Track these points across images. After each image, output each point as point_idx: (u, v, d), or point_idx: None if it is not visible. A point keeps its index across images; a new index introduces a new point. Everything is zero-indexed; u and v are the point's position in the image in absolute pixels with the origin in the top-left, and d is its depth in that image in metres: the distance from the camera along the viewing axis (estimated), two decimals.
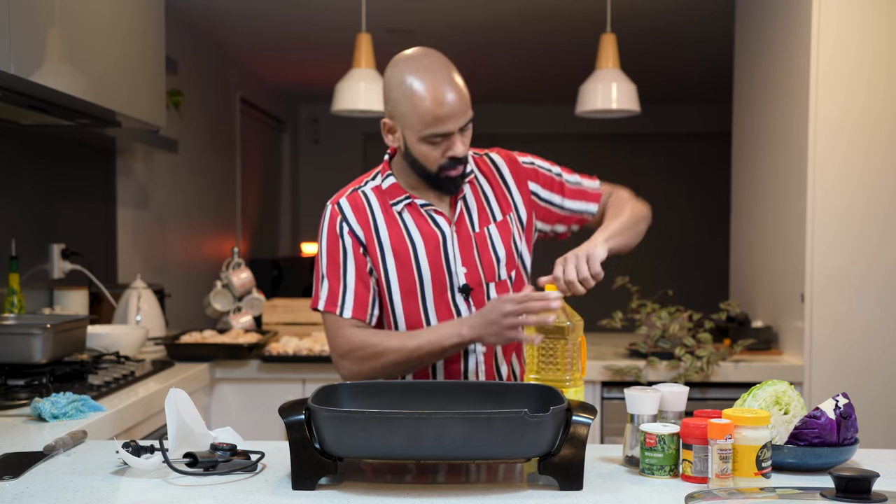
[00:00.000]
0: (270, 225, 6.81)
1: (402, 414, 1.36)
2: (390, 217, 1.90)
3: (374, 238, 1.89)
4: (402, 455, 1.39)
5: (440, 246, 1.89)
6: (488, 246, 1.91)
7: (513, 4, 4.22)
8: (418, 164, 1.85)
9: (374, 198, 1.92)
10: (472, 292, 1.90)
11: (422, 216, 1.90)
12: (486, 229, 1.92)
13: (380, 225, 1.89)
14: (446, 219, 1.90)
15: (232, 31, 4.87)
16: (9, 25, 2.11)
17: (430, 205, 1.90)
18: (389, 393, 1.62)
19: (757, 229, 3.55)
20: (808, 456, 1.51)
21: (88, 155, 3.54)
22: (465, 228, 1.91)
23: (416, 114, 1.79)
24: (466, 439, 1.35)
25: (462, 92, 1.81)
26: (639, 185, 2.31)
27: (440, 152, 1.82)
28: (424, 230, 1.89)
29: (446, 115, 1.78)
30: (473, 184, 1.94)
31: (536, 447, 1.38)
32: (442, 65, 1.82)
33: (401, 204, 1.90)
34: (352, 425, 1.36)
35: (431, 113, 1.78)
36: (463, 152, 1.82)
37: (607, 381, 3.06)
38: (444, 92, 1.78)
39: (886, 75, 2.98)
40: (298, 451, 1.39)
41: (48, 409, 1.95)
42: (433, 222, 1.90)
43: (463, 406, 1.56)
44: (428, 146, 1.81)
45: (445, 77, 1.80)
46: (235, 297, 3.48)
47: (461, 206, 1.92)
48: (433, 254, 1.88)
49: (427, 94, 1.78)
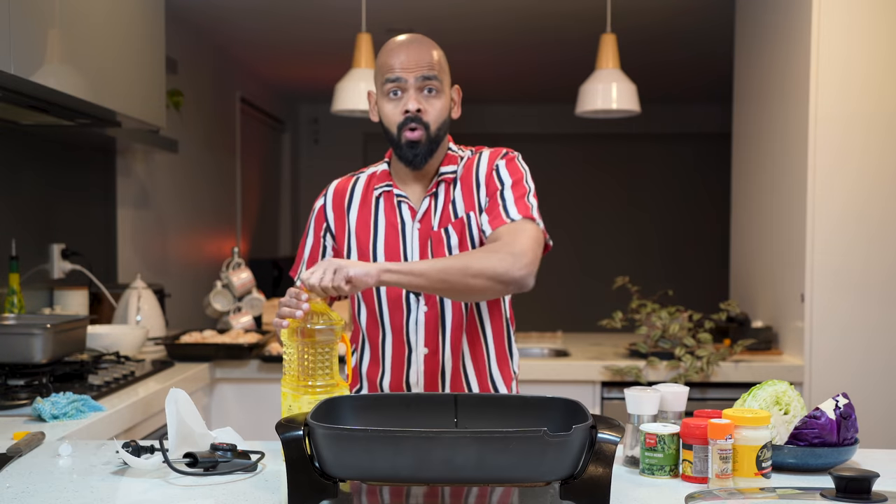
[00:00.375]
0: (270, 225, 6.81)
1: (408, 433, 1.24)
2: (366, 203, 1.94)
3: (344, 222, 1.94)
4: (408, 477, 1.28)
5: (399, 238, 1.90)
6: (443, 246, 1.89)
7: (513, 5, 4.22)
8: (387, 133, 1.87)
9: (362, 184, 1.97)
10: (426, 293, 1.87)
11: (392, 206, 1.92)
12: (444, 229, 1.90)
13: (353, 210, 1.94)
14: (412, 212, 1.91)
15: (232, 31, 4.87)
16: (9, 25, 2.11)
17: (405, 197, 1.91)
18: (397, 407, 1.52)
19: (757, 229, 3.55)
20: (808, 456, 1.51)
21: (88, 155, 3.54)
22: (428, 226, 1.90)
23: (378, 66, 1.88)
24: (479, 461, 1.24)
25: (425, 47, 1.85)
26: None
27: (399, 108, 1.84)
28: (389, 219, 1.91)
29: (401, 62, 1.82)
30: (449, 184, 1.93)
31: (557, 469, 1.26)
32: (419, 34, 1.89)
33: (380, 190, 1.94)
34: (353, 444, 1.25)
35: (387, 59, 1.85)
36: (415, 107, 1.82)
37: (607, 381, 3.06)
38: (404, 42, 1.86)
39: (886, 75, 2.98)
40: (295, 471, 1.28)
41: (48, 410, 1.95)
42: (399, 214, 1.91)
43: (479, 422, 1.47)
44: (388, 103, 1.85)
45: (414, 36, 1.88)
46: (235, 297, 3.48)
47: (430, 202, 1.91)
48: (391, 244, 1.89)
49: (388, 46, 1.88)
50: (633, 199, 7.58)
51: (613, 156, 7.59)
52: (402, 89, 1.84)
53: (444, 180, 1.92)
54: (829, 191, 3.00)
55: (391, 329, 1.91)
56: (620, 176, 7.60)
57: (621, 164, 7.61)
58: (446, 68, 1.90)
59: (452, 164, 1.93)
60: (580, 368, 3.07)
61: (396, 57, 1.84)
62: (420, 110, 1.83)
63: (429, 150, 1.86)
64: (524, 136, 7.34)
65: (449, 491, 1.41)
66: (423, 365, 1.90)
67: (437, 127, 1.86)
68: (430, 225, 1.90)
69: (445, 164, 1.93)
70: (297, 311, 1.57)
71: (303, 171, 7.55)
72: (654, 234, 7.60)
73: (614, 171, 7.59)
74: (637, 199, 7.59)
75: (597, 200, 7.51)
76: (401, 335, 1.91)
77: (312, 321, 1.53)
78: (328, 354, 1.54)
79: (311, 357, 1.53)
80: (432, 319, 1.89)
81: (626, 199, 7.59)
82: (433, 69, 1.84)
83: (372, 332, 1.94)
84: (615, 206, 7.57)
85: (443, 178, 1.92)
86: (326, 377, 1.54)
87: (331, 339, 1.54)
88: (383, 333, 1.93)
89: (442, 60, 1.88)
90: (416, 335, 1.90)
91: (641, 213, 7.58)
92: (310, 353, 1.53)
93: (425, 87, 1.84)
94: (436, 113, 1.85)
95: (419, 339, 1.90)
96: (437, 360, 1.90)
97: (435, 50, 1.87)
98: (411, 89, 1.83)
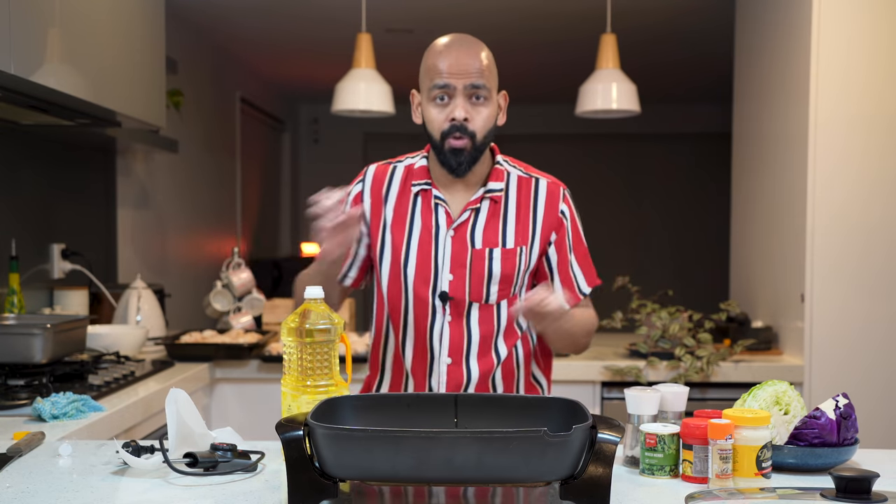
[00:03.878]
0: (270, 225, 6.81)
1: (408, 433, 1.24)
2: (404, 197, 1.90)
3: (380, 212, 1.90)
4: (408, 477, 1.28)
5: (431, 242, 1.87)
6: (484, 266, 1.85)
7: (513, 5, 4.22)
8: (430, 137, 1.84)
9: (400, 175, 1.92)
10: (452, 303, 1.86)
11: (429, 208, 1.88)
12: (490, 250, 1.85)
13: (390, 201, 1.90)
14: (449, 219, 1.87)
15: (232, 30, 4.87)
16: (9, 25, 2.11)
17: (444, 201, 1.87)
18: (397, 407, 1.51)
19: (757, 229, 3.55)
20: (808, 456, 1.51)
21: (88, 155, 3.54)
22: (464, 238, 1.86)
23: (425, 68, 1.82)
24: (479, 461, 1.23)
25: (473, 51, 1.80)
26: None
27: (444, 115, 1.80)
28: (425, 221, 1.88)
29: (449, 66, 1.77)
30: (497, 202, 1.88)
31: (557, 469, 1.26)
32: (467, 35, 1.84)
33: (418, 188, 1.89)
34: (353, 444, 1.25)
35: (435, 62, 1.79)
36: (462, 116, 1.78)
37: (607, 381, 3.06)
38: (452, 45, 1.80)
39: (886, 75, 2.98)
40: (295, 471, 1.28)
41: (48, 410, 1.95)
42: (435, 217, 1.87)
43: (479, 422, 1.47)
44: (434, 108, 1.81)
45: (463, 38, 1.82)
46: (235, 297, 3.48)
47: (470, 215, 1.87)
48: (424, 249, 1.87)
49: (436, 47, 1.82)
50: (633, 200, 7.59)
51: (613, 156, 7.60)
52: (448, 95, 1.79)
53: (491, 198, 1.87)
54: (829, 191, 2.99)
55: (414, 333, 1.89)
56: (620, 176, 7.60)
57: (621, 164, 7.61)
58: (494, 72, 1.85)
59: (499, 181, 1.88)
60: (580, 368, 3.07)
61: (444, 61, 1.78)
62: (467, 119, 1.79)
63: (473, 159, 1.83)
64: (524, 136, 7.33)
65: (449, 491, 1.40)
66: (445, 375, 1.88)
67: (484, 136, 1.82)
68: (465, 237, 1.86)
69: (493, 180, 1.87)
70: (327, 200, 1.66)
71: (303, 171, 7.55)
72: (654, 235, 7.60)
73: (614, 171, 7.59)
74: (637, 200, 7.59)
75: (597, 200, 7.51)
76: (423, 341, 1.88)
77: (312, 321, 1.53)
78: (328, 354, 1.54)
79: (310, 357, 1.53)
80: (457, 332, 1.87)
81: (626, 199, 7.59)
82: (482, 76, 1.79)
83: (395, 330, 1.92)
84: (615, 207, 7.57)
85: (490, 195, 1.87)
86: (326, 377, 1.54)
87: (331, 339, 1.54)
88: (404, 335, 1.90)
89: (491, 64, 1.82)
90: (441, 344, 1.87)
91: (641, 213, 7.58)
92: (309, 353, 1.53)
93: (473, 94, 1.79)
94: (483, 121, 1.81)
95: (443, 348, 1.87)
96: (461, 372, 1.88)
97: (483, 52, 1.82)
98: (459, 96, 1.79)
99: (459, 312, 1.86)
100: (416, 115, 1.88)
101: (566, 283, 1.92)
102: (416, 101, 1.87)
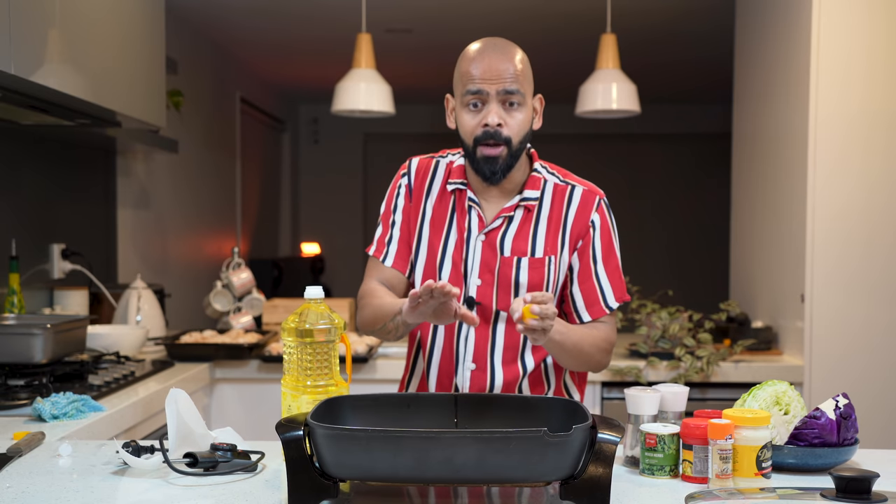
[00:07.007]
0: (270, 225, 6.81)
1: (408, 433, 1.24)
2: (443, 195, 1.88)
3: (419, 207, 1.89)
4: (408, 477, 1.27)
5: (463, 246, 1.85)
6: (511, 274, 1.82)
7: (513, 5, 4.22)
8: (463, 143, 1.82)
9: (442, 172, 1.90)
10: (479, 308, 1.83)
11: (463, 209, 1.86)
12: (518, 259, 1.83)
13: (431, 198, 1.89)
14: (481, 223, 1.85)
15: (232, 31, 4.87)
16: (9, 25, 2.11)
17: (477, 204, 1.85)
18: (397, 407, 1.51)
19: (757, 229, 3.55)
20: (808, 456, 1.51)
21: (88, 155, 3.54)
22: (494, 244, 1.84)
23: (458, 74, 1.80)
24: (479, 461, 1.23)
25: (507, 55, 1.77)
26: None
27: (477, 121, 1.77)
28: (460, 224, 1.86)
29: (482, 72, 1.75)
30: (531, 210, 1.85)
31: (557, 469, 1.26)
32: (500, 39, 1.82)
33: (454, 186, 1.87)
34: (353, 444, 1.24)
35: (468, 67, 1.77)
36: (496, 121, 1.76)
37: (607, 381, 3.06)
38: (486, 49, 1.78)
39: (886, 76, 2.98)
40: (295, 471, 1.28)
41: (48, 410, 1.95)
42: (468, 219, 1.85)
43: (478, 422, 1.47)
44: (467, 114, 1.78)
45: (496, 42, 1.80)
46: (235, 297, 3.48)
47: (503, 222, 1.84)
48: (457, 254, 1.85)
49: (469, 53, 1.80)
50: (633, 200, 7.58)
51: (613, 156, 7.60)
52: (482, 101, 1.77)
53: (526, 206, 1.85)
54: (829, 191, 2.99)
55: (443, 336, 1.88)
56: (620, 176, 7.60)
57: (621, 164, 7.61)
58: (529, 76, 1.82)
59: (535, 190, 1.85)
60: None
61: (478, 66, 1.76)
62: (500, 124, 1.76)
63: (507, 166, 1.79)
64: None
65: (449, 491, 1.40)
66: (468, 381, 1.86)
67: (519, 141, 1.79)
68: (495, 243, 1.83)
69: (529, 188, 1.85)
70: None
71: (303, 171, 7.55)
72: (654, 235, 7.60)
73: (614, 171, 7.59)
74: (637, 200, 7.59)
75: None
76: (451, 344, 1.87)
77: (312, 321, 1.53)
78: (328, 354, 1.54)
79: (310, 357, 1.53)
80: (482, 338, 1.85)
81: (626, 199, 7.59)
82: (516, 81, 1.76)
83: (424, 330, 1.91)
84: (615, 207, 7.43)
85: (524, 203, 1.84)
86: (326, 377, 1.54)
87: (330, 339, 1.54)
88: (433, 337, 1.89)
89: (525, 68, 1.80)
90: (466, 349, 1.86)
91: (641, 214, 7.58)
92: (309, 353, 1.53)
93: (507, 99, 1.77)
94: (517, 126, 1.78)
95: (468, 353, 1.86)
96: (485, 378, 1.86)
97: (518, 55, 1.79)
98: (492, 102, 1.76)
99: (486, 319, 1.84)
100: (451, 121, 1.86)
101: (587, 295, 1.86)
102: (451, 106, 1.85)
